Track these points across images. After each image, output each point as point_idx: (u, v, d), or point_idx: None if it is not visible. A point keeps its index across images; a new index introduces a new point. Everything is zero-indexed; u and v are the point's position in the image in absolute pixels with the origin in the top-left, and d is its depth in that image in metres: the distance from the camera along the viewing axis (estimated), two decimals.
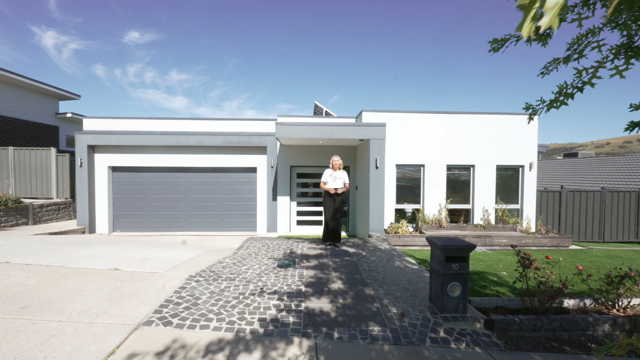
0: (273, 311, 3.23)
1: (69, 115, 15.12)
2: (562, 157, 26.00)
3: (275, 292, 3.72)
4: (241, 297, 3.55)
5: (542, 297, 3.45)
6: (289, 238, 6.98)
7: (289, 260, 5.14)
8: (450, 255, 3.25)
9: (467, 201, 9.37)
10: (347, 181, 6.11)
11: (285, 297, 3.58)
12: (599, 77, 1.82)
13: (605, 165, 16.46)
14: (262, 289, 3.82)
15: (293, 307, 3.35)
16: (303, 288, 3.90)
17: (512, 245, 3.82)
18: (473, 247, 3.26)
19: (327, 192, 6.04)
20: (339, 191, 5.95)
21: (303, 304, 3.42)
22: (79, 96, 16.17)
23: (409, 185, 9.33)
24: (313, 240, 6.90)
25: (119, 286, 3.53)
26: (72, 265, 4.13)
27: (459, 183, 9.40)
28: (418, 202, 9.23)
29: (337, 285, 4.06)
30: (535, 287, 3.61)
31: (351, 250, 5.99)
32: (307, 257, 5.41)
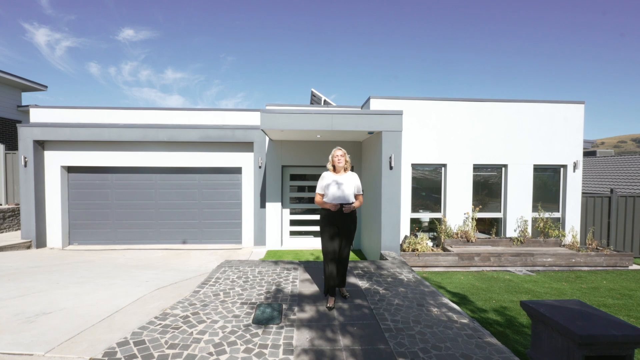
0: None
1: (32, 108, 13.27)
2: None
3: None
4: None
5: None
6: (276, 262, 5.26)
7: (272, 309, 3.41)
8: (598, 355, 1.55)
9: (496, 209, 7.69)
10: (360, 190, 3.71)
11: None
12: None
13: (633, 165, 14.86)
14: None
15: None
16: None
17: None
18: None
19: (325, 210, 3.58)
20: (347, 208, 3.45)
21: None
22: (46, 87, 14.33)
23: (427, 190, 7.63)
24: (309, 264, 5.18)
25: None
26: None
27: (487, 187, 7.72)
28: (438, 210, 7.54)
29: None
30: None
31: (362, 284, 4.27)
32: (300, 300, 3.69)
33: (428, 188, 7.61)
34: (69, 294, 3.56)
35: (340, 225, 3.55)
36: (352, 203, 3.58)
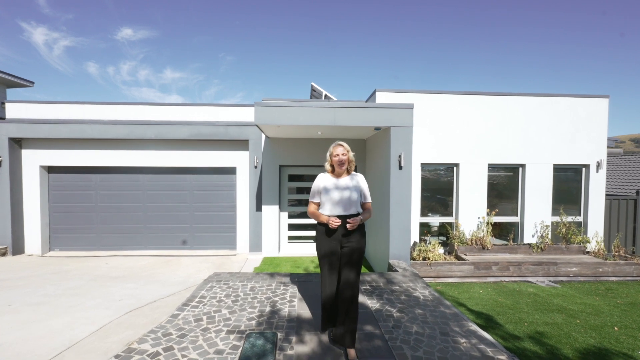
0: None
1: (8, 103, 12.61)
2: None
3: None
4: None
5: None
6: (272, 275, 4.63)
7: (265, 341, 2.79)
8: None
9: (512, 212, 7.08)
10: (368, 196, 2.79)
11: None
12: None
13: None
14: None
15: None
16: None
17: None
18: None
19: (323, 225, 2.69)
20: (353, 222, 2.54)
21: None
22: (32, 83, 13.58)
23: (437, 192, 7.01)
24: (310, 277, 4.56)
25: None
26: None
27: (501, 188, 7.10)
28: (450, 213, 6.92)
29: None
30: None
31: (372, 304, 3.64)
32: (298, 326, 3.07)
33: (437, 190, 6.99)
34: (17, 322, 2.93)
35: (344, 242, 2.65)
36: (359, 214, 2.68)
